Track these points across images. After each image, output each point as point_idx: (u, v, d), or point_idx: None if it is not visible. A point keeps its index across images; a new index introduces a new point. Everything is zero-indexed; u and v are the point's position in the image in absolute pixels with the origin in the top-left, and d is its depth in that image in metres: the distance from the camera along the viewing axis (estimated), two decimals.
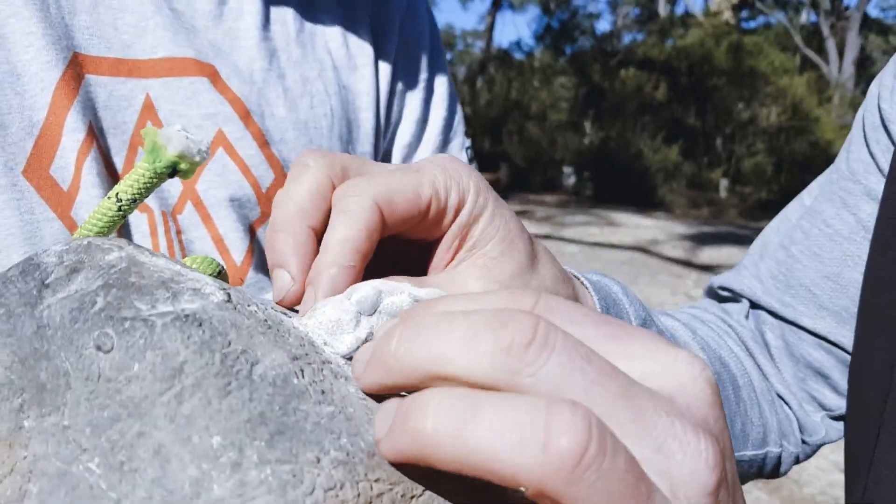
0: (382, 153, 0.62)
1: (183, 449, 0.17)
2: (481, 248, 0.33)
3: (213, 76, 0.49)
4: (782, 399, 0.61)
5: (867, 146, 0.58)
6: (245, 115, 0.50)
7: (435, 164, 0.32)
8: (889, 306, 0.50)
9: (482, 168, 1.50)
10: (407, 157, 0.63)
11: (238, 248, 0.51)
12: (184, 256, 0.48)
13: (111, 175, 0.46)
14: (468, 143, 0.68)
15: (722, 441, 0.21)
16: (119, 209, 0.26)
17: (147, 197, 0.27)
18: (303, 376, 0.21)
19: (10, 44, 0.42)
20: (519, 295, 0.23)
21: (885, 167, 0.56)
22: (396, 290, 0.25)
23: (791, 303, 0.59)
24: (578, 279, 0.43)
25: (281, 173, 0.52)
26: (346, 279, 0.27)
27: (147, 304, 0.20)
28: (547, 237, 7.48)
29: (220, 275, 0.29)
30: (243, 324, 0.21)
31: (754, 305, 0.63)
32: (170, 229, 0.48)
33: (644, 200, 10.22)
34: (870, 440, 0.51)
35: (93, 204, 0.44)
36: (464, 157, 0.66)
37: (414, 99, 0.63)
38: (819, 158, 10.27)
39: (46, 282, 0.21)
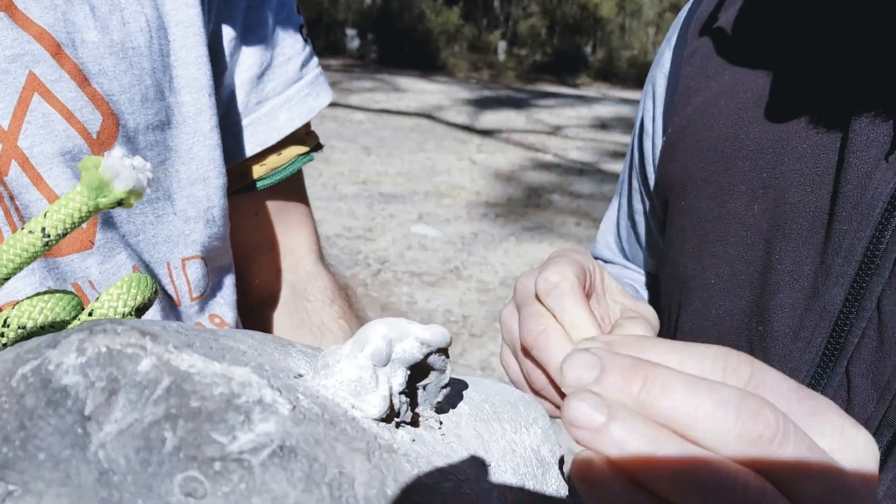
0: (210, 49, 0.53)
1: None
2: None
3: (9, 8, 0.42)
4: None
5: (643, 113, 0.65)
6: (56, 51, 0.43)
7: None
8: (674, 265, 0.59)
9: None
10: (233, 54, 0.55)
11: None
12: (23, 223, 0.42)
13: None
14: (301, 21, 0.61)
15: None
16: (45, 244, 0.23)
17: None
18: (386, 480, 0.21)
19: None
20: (734, 360, 0.25)
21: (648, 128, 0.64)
22: (403, 334, 0.25)
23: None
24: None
25: (108, 112, 0.45)
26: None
27: (225, 435, 0.18)
28: (334, 105, 7.26)
29: (155, 292, 0.27)
30: (319, 434, 0.20)
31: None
32: (5, 201, 0.42)
33: (428, 64, 10.22)
34: None
35: None
36: (299, 37, 0.60)
37: None
38: (587, 21, 10.84)
39: (86, 413, 0.18)
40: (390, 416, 0.24)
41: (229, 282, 0.60)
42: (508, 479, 0.25)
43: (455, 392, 0.27)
